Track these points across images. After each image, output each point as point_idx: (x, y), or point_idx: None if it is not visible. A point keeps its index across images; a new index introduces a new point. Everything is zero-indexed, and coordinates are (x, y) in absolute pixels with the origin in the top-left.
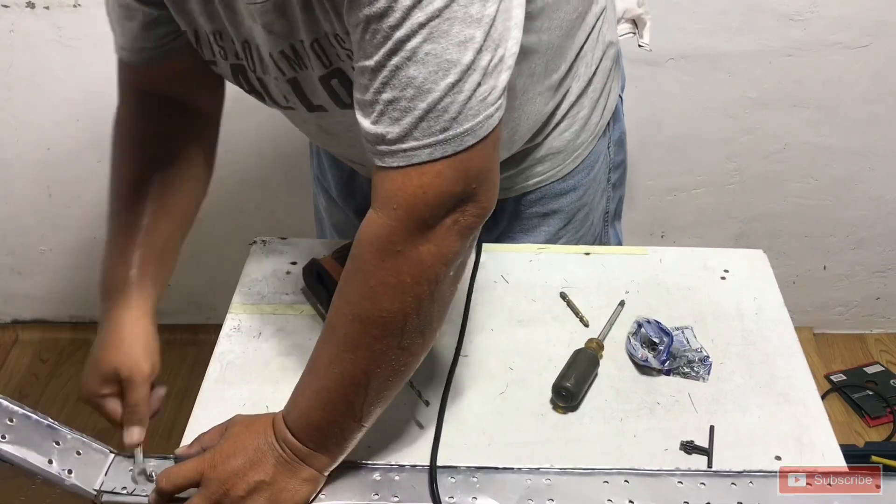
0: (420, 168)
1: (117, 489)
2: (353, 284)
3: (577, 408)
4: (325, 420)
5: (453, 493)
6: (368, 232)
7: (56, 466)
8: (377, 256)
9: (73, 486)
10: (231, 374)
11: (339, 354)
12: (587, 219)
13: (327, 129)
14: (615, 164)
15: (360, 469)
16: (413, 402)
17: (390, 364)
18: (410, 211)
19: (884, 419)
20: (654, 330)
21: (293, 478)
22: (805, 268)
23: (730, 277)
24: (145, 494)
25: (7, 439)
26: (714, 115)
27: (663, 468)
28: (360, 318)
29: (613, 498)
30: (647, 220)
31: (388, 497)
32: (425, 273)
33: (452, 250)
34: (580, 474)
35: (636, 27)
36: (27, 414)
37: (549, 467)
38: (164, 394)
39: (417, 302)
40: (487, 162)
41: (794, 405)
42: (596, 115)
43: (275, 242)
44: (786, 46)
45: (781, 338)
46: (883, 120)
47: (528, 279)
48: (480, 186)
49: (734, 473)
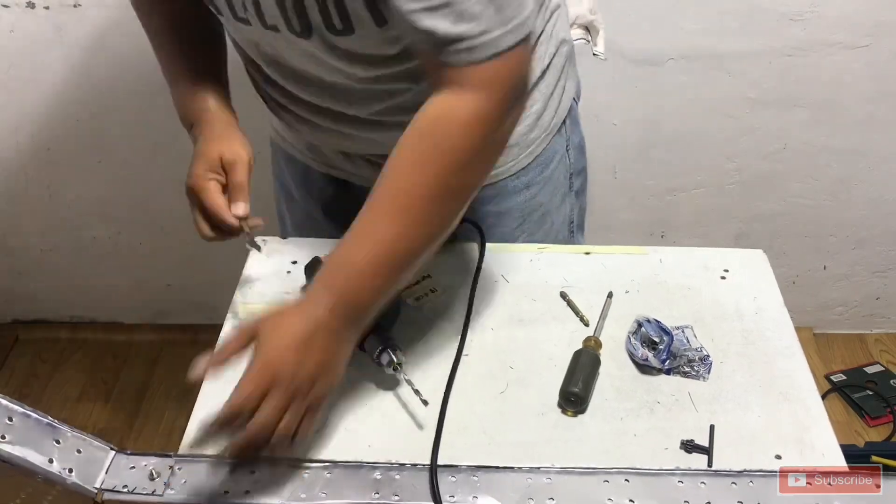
0: (508, 54)
1: (118, 487)
2: (440, 160)
3: (585, 410)
4: (380, 286)
5: (454, 492)
6: (464, 111)
7: (57, 465)
8: (479, 136)
9: (74, 484)
10: (231, 374)
11: (413, 228)
12: (545, 220)
13: (277, 57)
14: (577, 171)
15: (360, 468)
16: (414, 401)
17: (453, 223)
18: (507, 91)
19: (884, 419)
20: (655, 329)
21: (344, 345)
22: (805, 268)
23: (730, 277)
24: (146, 493)
25: (7, 439)
26: (714, 115)
27: (663, 467)
28: (446, 191)
29: (614, 497)
30: (647, 220)
31: (389, 496)
32: (501, 145)
33: (514, 125)
34: (581, 473)
35: (589, 34)
36: (27, 413)
37: (550, 466)
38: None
39: (490, 169)
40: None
41: (795, 405)
42: (549, 110)
43: (275, 242)
44: (786, 46)
45: (782, 338)
46: (883, 120)
47: (529, 279)
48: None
49: (734, 473)
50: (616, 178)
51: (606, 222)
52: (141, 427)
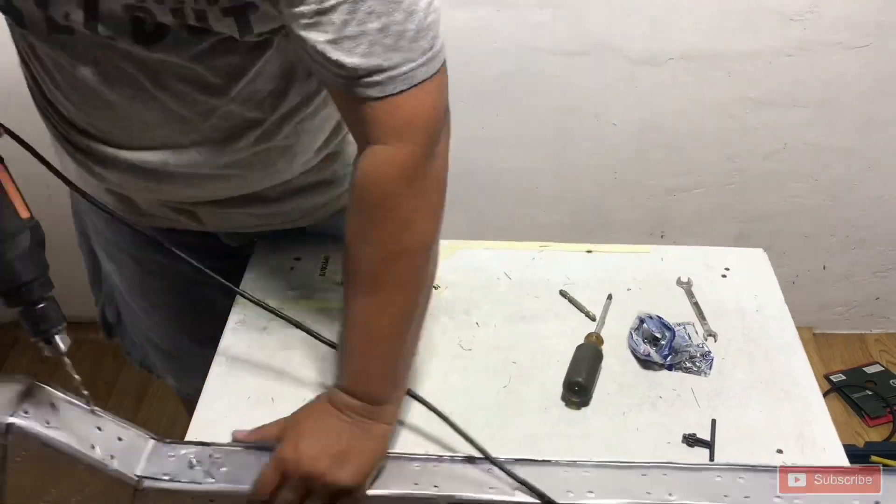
0: (423, 87)
1: (158, 475)
2: (384, 225)
3: (588, 402)
4: (383, 368)
5: (494, 485)
6: (389, 167)
7: (99, 452)
8: (407, 185)
9: (115, 471)
10: (236, 368)
11: (387, 298)
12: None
13: (105, 73)
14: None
15: (399, 459)
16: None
17: (427, 284)
18: (428, 130)
19: (883, 419)
20: (656, 325)
21: (368, 439)
22: (805, 268)
23: (730, 276)
24: (186, 481)
25: (51, 424)
26: (714, 115)
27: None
28: (402, 253)
29: (653, 491)
30: (647, 219)
31: (429, 487)
32: (441, 183)
33: (447, 154)
34: (618, 468)
35: None
36: (69, 400)
37: (588, 460)
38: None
39: (440, 212)
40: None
41: (795, 401)
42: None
43: (278, 239)
44: (786, 46)
45: (782, 335)
46: (883, 120)
47: (530, 277)
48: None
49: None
50: (616, 178)
51: (606, 222)
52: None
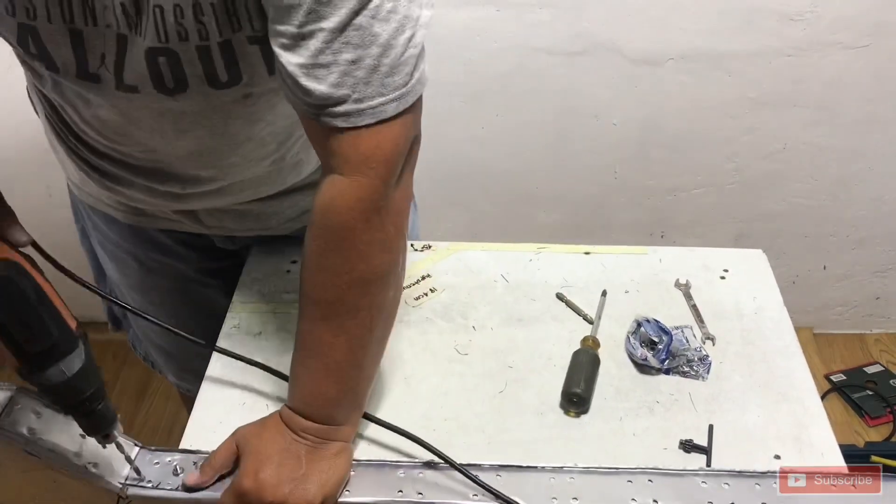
0: (390, 123)
1: (143, 482)
2: (339, 253)
3: (587, 410)
4: (339, 391)
5: (478, 491)
6: (346, 199)
7: (83, 459)
8: (362, 218)
9: (99, 478)
10: (231, 373)
11: (341, 325)
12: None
13: (128, 114)
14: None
15: (383, 466)
16: (413, 402)
17: (387, 309)
18: (388, 165)
19: (884, 419)
20: (654, 329)
21: (325, 459)
22: (805, 268)
23: (729, 277)
24: (170, 488)
25: (36, 432)
26: (714, 115)
27: (681, 468)
28: (357, 282)
29: (637, 497)
30: (647, 220)
31: (412, 494)
32: (401, 216)
33: (410, 186)
34: (604, 473)
35: None
36: (54, 407)
37: (573, 466)
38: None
39: (400, 243)
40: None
41: (794, 404)
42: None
43: (275, 242)
44: (786, 46)
45: (781, 337)
46: (883, 120)
47: (528, 279)
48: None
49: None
50: (616, 178)
51: (606, 222)
52: (140, 427)
